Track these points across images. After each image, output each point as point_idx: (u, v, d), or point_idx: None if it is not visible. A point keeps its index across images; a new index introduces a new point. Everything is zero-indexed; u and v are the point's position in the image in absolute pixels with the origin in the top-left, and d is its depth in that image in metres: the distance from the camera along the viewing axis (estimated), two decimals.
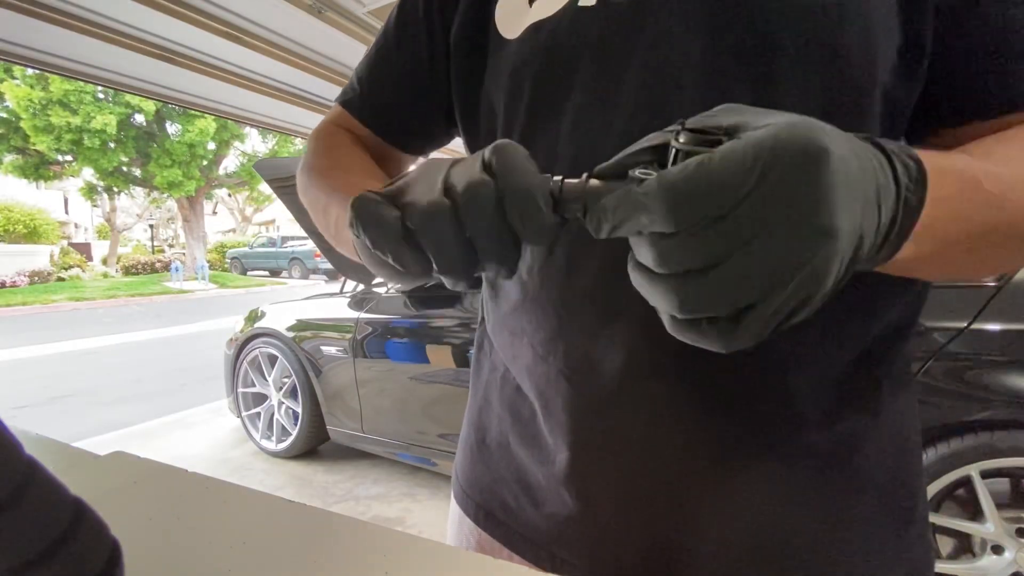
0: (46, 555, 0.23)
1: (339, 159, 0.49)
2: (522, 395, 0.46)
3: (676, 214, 0.19)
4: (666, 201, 0.19)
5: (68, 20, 2.28)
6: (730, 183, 0.18)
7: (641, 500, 0.39)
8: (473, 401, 0.54)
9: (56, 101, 12.48)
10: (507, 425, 0.47)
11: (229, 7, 2.44)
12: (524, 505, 0.46)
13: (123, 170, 15.11)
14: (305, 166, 0.50)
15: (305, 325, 2.68)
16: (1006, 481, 1.37)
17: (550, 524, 0.44)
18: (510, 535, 0.47)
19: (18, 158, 13.87)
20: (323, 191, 0.45)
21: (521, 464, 0.46)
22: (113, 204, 19.94)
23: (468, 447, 0.53)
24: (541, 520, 0.44)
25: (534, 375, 0.43)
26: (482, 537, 0.49)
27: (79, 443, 1.45)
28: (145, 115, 14.15)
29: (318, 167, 0.49)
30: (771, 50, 0.32)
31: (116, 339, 7.28)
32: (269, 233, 26.12)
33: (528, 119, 0.40)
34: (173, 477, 0.51)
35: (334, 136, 0.53)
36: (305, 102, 3.57)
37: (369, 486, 2.52)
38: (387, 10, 2.99)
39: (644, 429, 0.38)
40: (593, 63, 0.37)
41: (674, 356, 0.35)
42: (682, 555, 0.38)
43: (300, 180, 0.51)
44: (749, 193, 0.18)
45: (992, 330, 1.33)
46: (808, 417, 0.36)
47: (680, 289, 0.20)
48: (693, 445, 0.37)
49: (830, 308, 0.24)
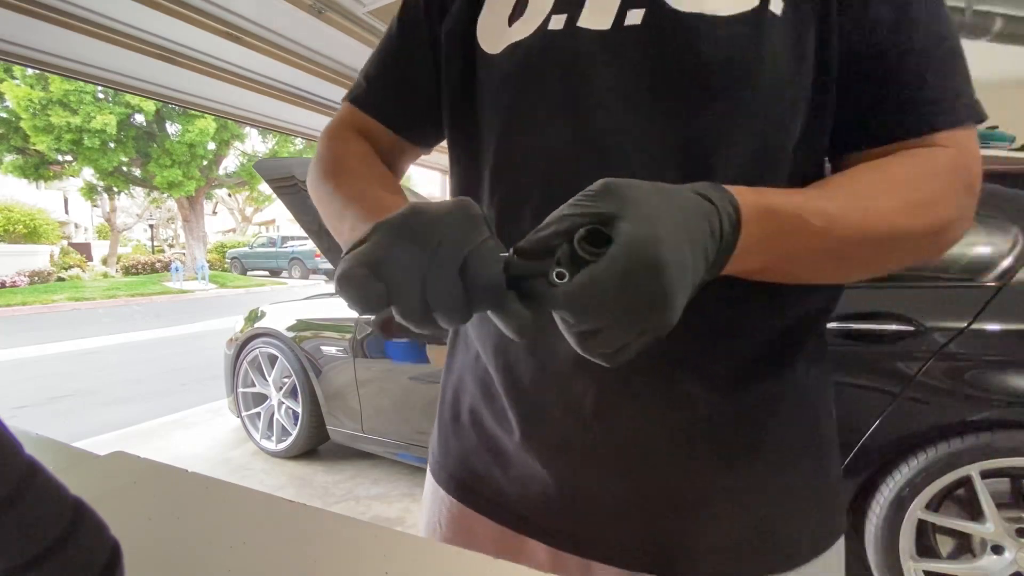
0: (46, 555, 0.23)
1: (352, 165, 0.53)
2: (490, 375, 0.51)
3: (571, 311, 0.29)
4: (568, 306, 0.29)
5: (68, 20, 2.28)
6: (607, 291, 0.27)
7: (595, 458, 0.45)
8: (448, 381, 0.58)
9: (56, 101, 12.48)
10: (478, 401, 0.52)
11: (229, 7, 2.44)
12: (494, 472, 0.51)
13: (123, 170, 15.11)
14: (317, 166, 0.54)
15: (305, 325, 2.68)
16: (1006, 481, 1.37)
17: (516, 487, 0.50)
18: (480, 501, 0.53)
19: (18, 158, 13.86)
20: (338, 196, 0.49)
21: (491, 435, 0.52)
22: (113, 204, 19.95)
23: (443, 424, 0.58)
24: (508, 483, 0.50)
25: (500, 353, 0.49)
26: (453, 505, 0.55)
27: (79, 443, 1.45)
28: (145, 115, 14.15)
29: (331, 170, 0.52)
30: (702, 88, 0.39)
31: (116, 339, 7.29)
32: (269, 233, 26.13)
33: (504, 128, 0.46)
34: (173, 477, 0.51)
35: (345, 139, 0.56)
36: (305, 102, 3.57)
37: (369, 486, 2.52)
38: (387, 10, 3.00)
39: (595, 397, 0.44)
40: (559, 82, 0.43)
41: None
42: (620, 504, 0.45)
43: (311, 178, 0.55)
44: (615, 299, 0.28)
45: (992, 330, 1.34)
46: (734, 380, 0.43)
47: (581, 343, 0.30)
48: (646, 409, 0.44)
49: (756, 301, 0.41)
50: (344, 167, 0.52)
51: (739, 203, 0.33)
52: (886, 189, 0.38)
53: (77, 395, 4.54)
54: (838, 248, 0.36)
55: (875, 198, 0.37)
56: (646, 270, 0.27)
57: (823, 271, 0.39)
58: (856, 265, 0.40)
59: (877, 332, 1.42)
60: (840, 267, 0.39)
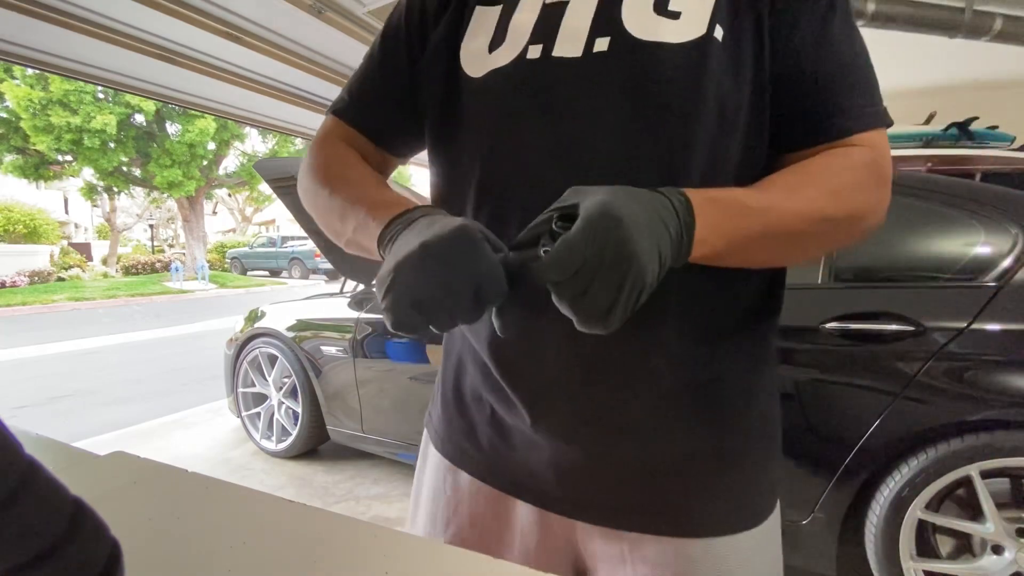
0: (46, 555, 0.23)
1: (344, 171, 0.57)
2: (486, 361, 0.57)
3: (557, 272, 0.36)
4: (554, 266, 0.36)
5: (68, 20, 2.28)
6: (578, 249, 0.35)
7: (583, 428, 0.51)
8: (448, 363, 0.64)
9: (56, 101, 12.47)
10: (478, 382, 0.58)
11: (229, 7, 2.44)
12: (494, 442, 0.57)
13: (123, 170, 15.09)
14: (310, 173, 0.58)
15: (305, 325, 2.68)
16: (1006, 481, 1.37)
17: (514, 455, 0.55)
18: (481, 468, 0.58)
19: (18, 158, 13.85)
20: (336, 198, 0.54)
21: (492, 411, 0.57)
22: (113, 204, 19.94)
23: (445, 401, 0.63)
24: (507, 452, 0.56)
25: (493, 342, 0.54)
26: (458, 474, 0.60)
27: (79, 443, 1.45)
28: (145, 115, 14.14)
29: (328, 177, 0.57)
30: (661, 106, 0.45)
31: (116, 339, 7.29)
32: (269, 233, 26.11)
33: (488, 149, 0.51)
34: (173, 477, 0.51)
35: (335, 147, 0.60)
36: (305, 102, 3.57)
37: (369, 486, 2.52)
38: (387, 10, 3.01)
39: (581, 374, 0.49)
40: (538, 106, 0.48)
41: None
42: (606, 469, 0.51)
43: (304, 185, 0.59)
44: (588, 250, 0.35)
45: (992, 330, 1.33)
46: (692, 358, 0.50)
47: (573, 307, 0.36)
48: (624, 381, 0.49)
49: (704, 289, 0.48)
50: (337, 173, 0.57)
51: (686, 192, 0.40)
52: (810, 180, 0.45)
53: (77, 395, 4.54)
54: (776, 229, 0.43)
55: (802, 187, 0.45)
56: (605, 222, 0.35)
57: (766, 252, 0.46)
58: (791, 246, 0.46)
59: (877, 332, 1.42)
60: (779, 248, 0.46)
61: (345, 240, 0.54)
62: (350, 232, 0.52)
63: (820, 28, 0.46)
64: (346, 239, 0.53)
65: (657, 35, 0.45)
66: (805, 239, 0.45)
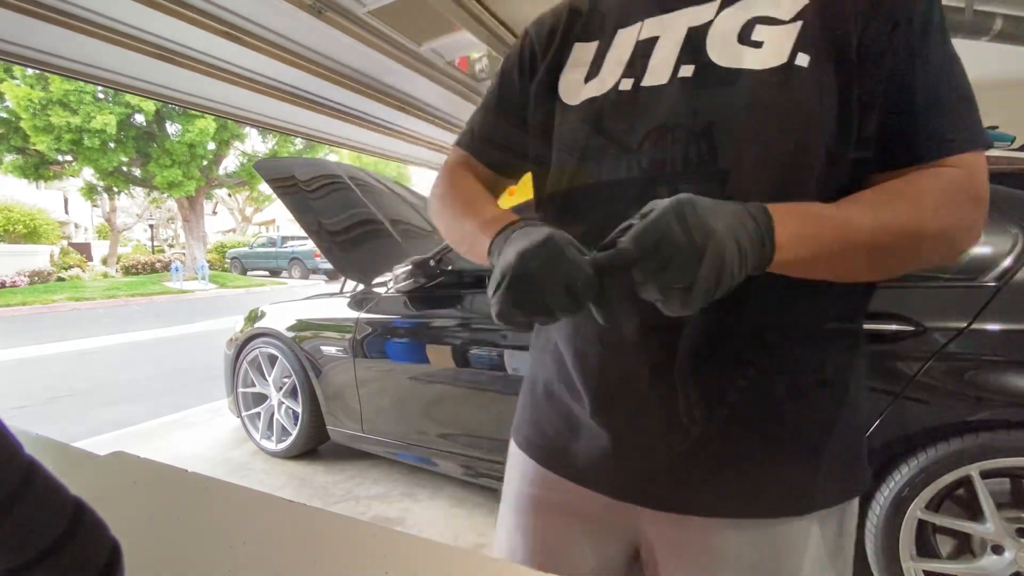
0: (46, 555, 0.23)
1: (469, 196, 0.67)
2: (564, 357, 0.62)
3: (637, 247, 0.40)
4: (633, 242, 0.41)
5: (68, 20, 2.28)
6: (656, 225, 0.40)
7: (649, 423, 0.55)
8: (533, 363, 0.71)
9: (56, 101, 12.47)
10: (553, 377, 0.64)
11: (229, 7, 2.44)
12: (564, 434, 0.62)
13: (123, 170, 15.08)
14: (439, 198, 0.69)
15: (305, 325, 2.68)
16: (1006, 481, 1.36)
17: (582, 447, 0.60)
18: (549, 458, 0.64)
19: (18, 158, 13.84)
20: (467, 216, 0.63)
21: (564, 404, 0.63)
22: (113, 204, 19.94)
23: (526, 397, 0.70)
24: (575, 444, 0.61)
25: (571, 341, 0.60)
26: (527, 462, 0.67)
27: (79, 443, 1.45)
28: (145, 115, 14.13)
29: (458, 197, 0.67)
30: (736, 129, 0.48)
31: (116, 339, 7.28)
32: (269, 233, 26.11)
33: (578, 166, 0.57)
34: (173, 477, 0.51)
35: (463, 176, 0.70)
36: (305, 102, 3.57)
37: (369, 486, 2.52)
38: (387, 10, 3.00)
39: (649, 372, 0.53)
40: (624, 133, 0.54)
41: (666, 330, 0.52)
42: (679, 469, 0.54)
43: (434, 205, 0.70)
44: (666, 225, 0.39)
45: (992, 330, 1.33)
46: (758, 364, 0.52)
47: (656, 283, 0.40)
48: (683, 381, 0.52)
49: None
50: (463, 198, 0.67)
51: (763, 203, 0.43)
52: (897, 197, 0.45)
53: (77, 395, 4.54)
54: (857, 240, 0.44)
55: (887, 203, 0.45)
56: (681, 205, 0.40)
57: (849, 264, 0.46)
58: (875, 260, 0.46)
59: (877, 332, 1.42)
60: (863, 261, 0.46)
61: (464, 251, 0.64)
62: (467, 246, 0.62)
63: (914, 49, 0.46)
64: (464, 250, 0.63)
65: (740, 62, 0.49)
66: (890, 253, 0.46)
